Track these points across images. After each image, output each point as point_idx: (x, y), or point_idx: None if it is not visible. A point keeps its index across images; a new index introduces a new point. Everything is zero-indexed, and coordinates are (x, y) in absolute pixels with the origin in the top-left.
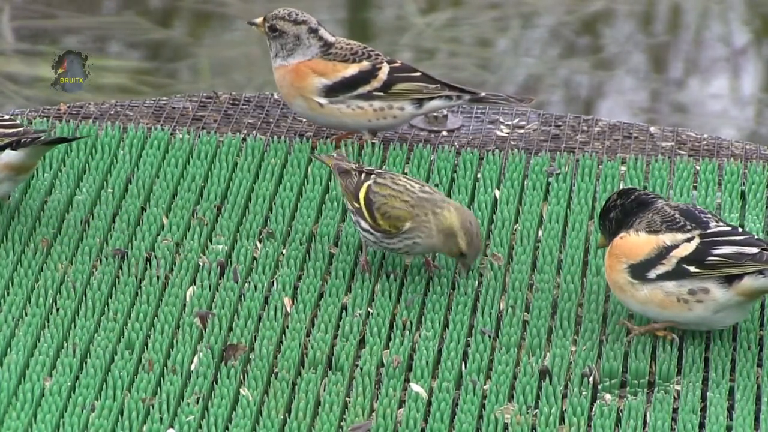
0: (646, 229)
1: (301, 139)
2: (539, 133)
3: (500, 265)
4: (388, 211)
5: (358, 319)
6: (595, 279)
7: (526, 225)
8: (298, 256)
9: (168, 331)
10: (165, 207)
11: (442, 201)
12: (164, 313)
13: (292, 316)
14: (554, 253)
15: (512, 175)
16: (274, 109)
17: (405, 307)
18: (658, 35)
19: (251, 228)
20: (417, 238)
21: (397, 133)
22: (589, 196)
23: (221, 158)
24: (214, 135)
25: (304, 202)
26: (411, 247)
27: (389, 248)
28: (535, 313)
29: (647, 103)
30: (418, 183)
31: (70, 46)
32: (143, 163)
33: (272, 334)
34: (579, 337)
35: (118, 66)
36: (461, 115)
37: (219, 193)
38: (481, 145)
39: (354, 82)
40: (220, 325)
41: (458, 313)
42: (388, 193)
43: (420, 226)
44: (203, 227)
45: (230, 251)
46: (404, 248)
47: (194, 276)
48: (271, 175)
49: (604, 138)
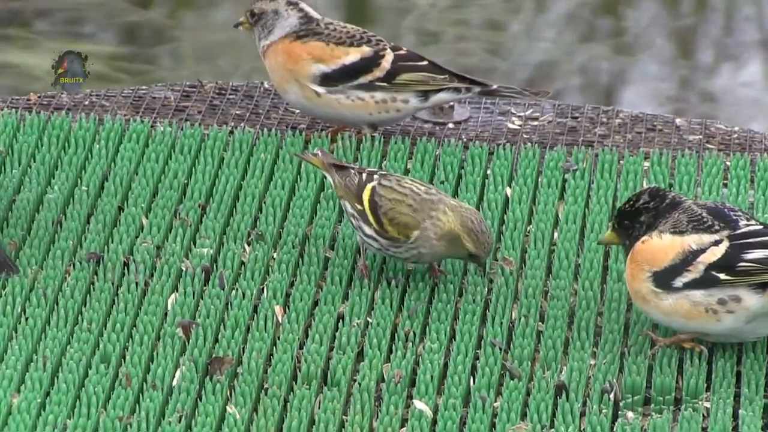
0: (671, 229)
1: (294, 132)
2: (554, 126)
3: (512, 270)
4: (396, 217)
5: (356, 329)
6: (615, 285)
7: (540, 226)
8: (290, 260)
9: (147, 342)
10: (144, 206)
11: (438, 202)
12: (143, 322)
13: (283, 327)
14: (571, 258)
15: (525, 171)
16: (264, 100)
17: (407, 316)
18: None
19: (239, 229)
20: (422, 248)
21: (399, 126)
22: (609, 194)
23: (206, 153)
24: (198, 127)
25: (296, 201)
26: (418, 257)
27: (395, 257)
28: (550, 323)
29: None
30: (425, 185)
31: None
32: (121, 159)
33: (262, 345)
34: (598, 350)
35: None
36: (469, 106)
37: (204, 191)
38: (491, 138)
39: (355, 70)
40: (205, 336)
41: (466, 323)
42: (395, 197)
43: (423, 235)
44: (186, 228)
45: (216, 255)
46: (411, 258)
47: (176, 282)
48: (260, 172)
49: (625, 131)
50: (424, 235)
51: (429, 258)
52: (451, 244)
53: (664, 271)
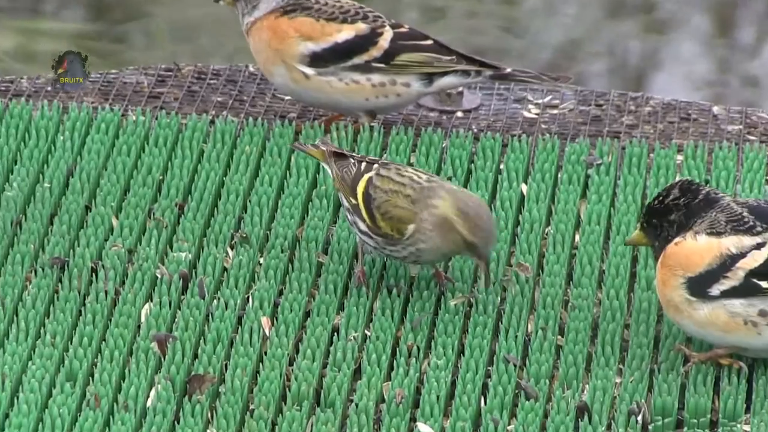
0: (707, 230)
1: (283, 122)
2: (576, 115)
3: (528, 277)
4: (389, 210)
5: (352, 343)
6: (644, 294)
7: (560, 228)
8: (278, 266)
9: (118, 358)
10: (115, 206)
11: (438, 188)
12: (114, 336)
13: (271, 340)
14: (594, 263)
15: (543, 166)
16: (249, 85)
17: (410, 329)
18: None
19: (221, 231)
20: (420, 243)
21: (401, 115)
22: (637, 191)
23: (184, 145)
24: (175, 116)
25: (286, 199)
26: (417, 255)
27: (392, 256)
28: (570, 336)
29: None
30: (427, 174)
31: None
32: (88, 152)
33: (247, 362)
34: (625, 366)
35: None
36: (480, 92)
37: (181, 188)
38: (505, 128)
39: (348, 49)
40: (183, 352)
41: (476, 336)
42: (391, 187)
43: (421, 227)
44: (162, 230)
45: (195, 260)
46: (410, 257)
47: (151, 291)
48: (245, 166)
49: (656, 120)
50: (421, 228)
51: (430, 256)
52: (447, 234)
53: (699, 277)
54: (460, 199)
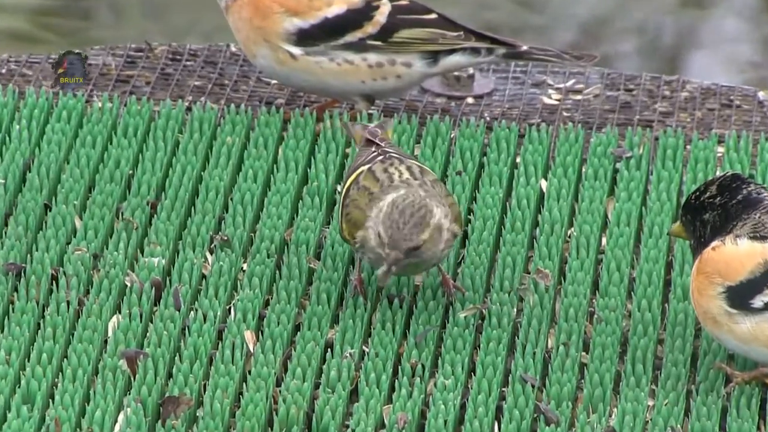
0: (750, 234)
1: (269, 109)
2: (603, 101)
3: (548, 285)
4: (350, 212)
5: (348, 361)
6: (680, 305)
7: (584, 229)
8: (264, 272)
9: (82, 378)
10: (78, 204)
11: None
12: (77, 352)
13: (255, 358)
14: (623, 269)
15: (565, 159)
16: (231, 67)
17: (414, 344)
18: None
19: (199, 234)
20: (369, 254)
21: (402, 100)
22: (672, 188)
23: (157, 135)
24: (146, 103)
25: (272, 197)
26: (375, 263)
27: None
28: (596, 353)
29: (756, 57)
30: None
31: None
32: (47, 143)
33: (228, 382)
34: (658, 387)
35: (12, 4)
36: (493, 75)
37: (154, 184)
38: (522, 117)
39: (340, 25)
40: (156, 370)
41: (489, 353)
42: (366, 184)
43: (367, 233)
44: (132, 232)
45: (169, 266)
46: (373, 265)
47: (119, 301)
48: (226, 160)
49: (694, 107)
50: (367, 234)
51: (378, 264)
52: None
53: (740, 287)
54: (397, 201)
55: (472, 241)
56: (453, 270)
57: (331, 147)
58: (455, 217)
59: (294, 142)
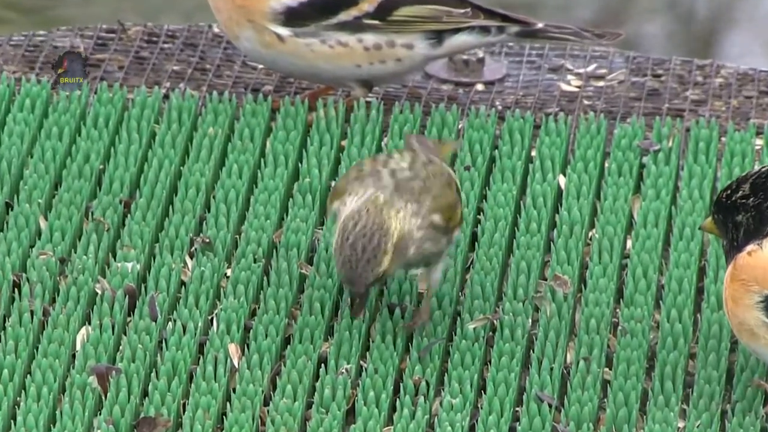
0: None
1: (256, 97)
2: (628, 87)
3: (566, 293)
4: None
5: (344, 378)
6: (714, 315)
7: (607, 231)
8: (250, 279)
9: (48, 396)
10: (43, 203)
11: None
12: (42, 368)
13: (241, 374)
14: (651, 276)
15: (585, 153)
16: (213, 50)
17: (418, 359)
18: None
19: (177, 236)
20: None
21: (404, 87)
22: (705, 185)
23: (130, 126)
24: (119, 90)
25: (260, 195)
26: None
27: None
28: (620, 368)
29: None
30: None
31: None
32: (9, 135)
33: (210, 401)
34: (690, 407)
35: None
36: (505, 59)
37: (127, 180)
38: (538, 105)
39: (333, 2)
40: (129, 388)
41: (501, 368)
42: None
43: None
44: (103, 234)
45: (145, 272)
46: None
47: (88, 310)
48: (208, 153)
49: (729, 94)
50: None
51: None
52: None
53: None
54: (347, 226)
55: (482, 244)
56: (461, 276)
57: (325, 139)
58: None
59: (283, 134)
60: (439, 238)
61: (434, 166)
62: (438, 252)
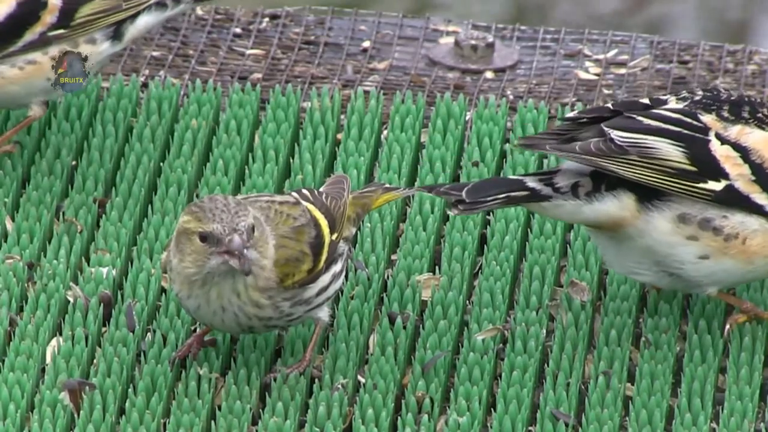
0: None
1: (243, 85)
2: (652, 75)
3: (584, 301)
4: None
5: (340, 394)
6: (747, 326)
7: None
8: None
9: (15, 414)
10: (9, 202)
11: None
12: (8, 383)
13: (227, 390)
14: None
15: None
16: (197, 34)
17: (421, 373)
18: None
19: (157, 238)
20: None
21: (407, 75)
22: None
23: (105, 118)
24: (93, 78)
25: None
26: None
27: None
28: (644, 384)
29: None
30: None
31: None
32: None
33: (193, 419)
34: (719, 426)
35: None
36: (518, 45)
37: (102, 177)
38: (553, 94)
39: (15, 25)
40: (105, 405)
41: (512, 383)
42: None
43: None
44: (75, 237)
45: (121, 277)
46: None
47: (60, 320)
48: (190, 148)
49: (763, 82)
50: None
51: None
52: (185, 246)
53: None
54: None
55: (492, 248)
56: (469, 282)
57: (319, 132)
58: (278, 259)
59: (273, 127)
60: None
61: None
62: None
